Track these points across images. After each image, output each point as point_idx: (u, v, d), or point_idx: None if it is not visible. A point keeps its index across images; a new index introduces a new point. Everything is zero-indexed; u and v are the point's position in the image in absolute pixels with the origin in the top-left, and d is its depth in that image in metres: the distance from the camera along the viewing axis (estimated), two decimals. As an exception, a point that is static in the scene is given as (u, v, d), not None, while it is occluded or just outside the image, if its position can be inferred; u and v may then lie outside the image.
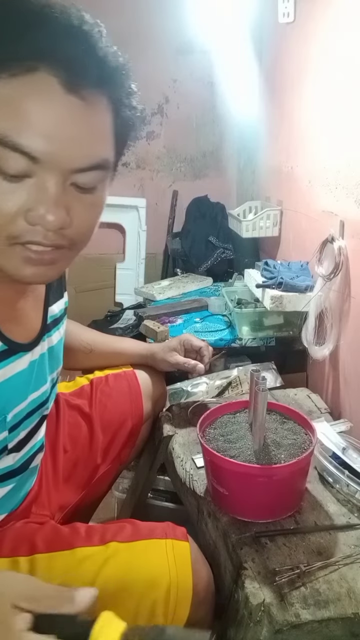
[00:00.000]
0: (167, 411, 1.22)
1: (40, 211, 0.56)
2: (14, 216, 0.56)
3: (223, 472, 0.85)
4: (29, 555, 0.75)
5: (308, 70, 1.49)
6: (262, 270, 1.56)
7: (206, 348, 1.21)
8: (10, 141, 0.52)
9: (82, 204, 0.60)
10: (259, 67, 1.94)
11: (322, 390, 1.45)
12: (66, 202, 0.58)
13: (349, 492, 0.92)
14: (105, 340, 1.20)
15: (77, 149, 0.56)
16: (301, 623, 0.69)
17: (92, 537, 0.78)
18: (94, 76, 0.55)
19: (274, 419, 0.95)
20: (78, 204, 0.60)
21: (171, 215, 2.39)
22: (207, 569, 0.81)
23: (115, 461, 1.08)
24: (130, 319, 2.00)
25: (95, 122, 0.58)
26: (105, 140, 0.60)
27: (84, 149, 0.57)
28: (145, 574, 0.73)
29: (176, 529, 0.81)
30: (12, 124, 0.52)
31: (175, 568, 0.74)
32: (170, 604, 0.71)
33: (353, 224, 1.25)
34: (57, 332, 0.86)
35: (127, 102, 0.61)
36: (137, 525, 0.81)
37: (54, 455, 1.00)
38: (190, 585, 0.74)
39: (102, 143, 0.60)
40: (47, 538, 0.78)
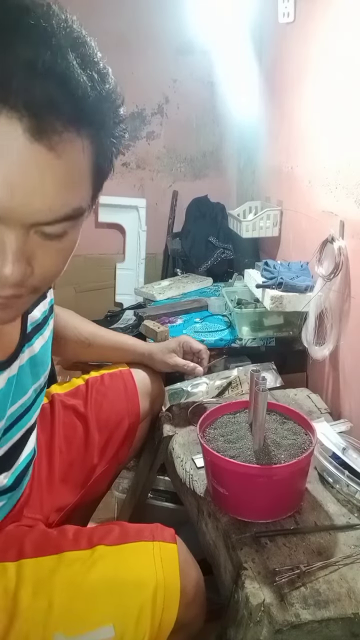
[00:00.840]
0: (167, 411, 1.22)
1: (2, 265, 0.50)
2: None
3: (223, 472, 0.85)
4: (17, 560, 0.75)
5: (308, 70, 1.49)
6: (262, 271, 1.56)
7: (205, 351, 1.21)
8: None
9: (47, 251, 0.53)
10: (259, 67, 1.94)
11: (322, 391, 1.45)
12: (28, 252, 0.51)
13: (349, 492, 0.92)
14: (104, 334, 1.18)
15: (41, 202, 0.47)
16: (301, 623, 0.69)
17: (79, 541, 0.78)
18: (68, 118, 0.45)
19: (274, 419, 0.95)
20: (43, 252, 0.52)
21: (171, 215, 2.39)
22: (197, 570, 0.81)
23: (113, 461, 1.07)
24: (130, 319, 2.00)
25: (67, 171, 0.48)
26: (79, 186, 0.50)
27: (50, 201, 0.48)
28: (132, 577, 0.73)
29: (164, 530, 0.81)
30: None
31: (162, 570, 0.74)
32: (157, 607, 0.71)
33: (353, 224, 1.25)
34: (41, 337, 0.82)
35: (111, 133, 0.52)
36: (125, 528, 0.81)
37: (49, 456, 1.00)
38: (178, 587, 0.74)
39: (73, 192, 0.50)
40: (34, 543, 0.78)
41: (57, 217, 0.50)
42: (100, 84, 0.47)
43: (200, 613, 0.81)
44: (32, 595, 0.71)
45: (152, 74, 2.18)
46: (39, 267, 0.53)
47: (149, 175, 2.37)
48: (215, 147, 2.38)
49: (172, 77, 2.25)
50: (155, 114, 2.28)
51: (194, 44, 2.17)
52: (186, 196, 2.35)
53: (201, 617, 0.82)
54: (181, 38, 2.16)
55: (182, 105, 2.29)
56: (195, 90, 2.27)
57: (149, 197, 2.36)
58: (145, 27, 2.09)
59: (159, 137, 2.32)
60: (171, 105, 2.29)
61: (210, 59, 2.17)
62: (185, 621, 0.75)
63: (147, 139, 2.30)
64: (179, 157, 2.38)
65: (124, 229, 2.38)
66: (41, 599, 0.71)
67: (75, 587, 0.72)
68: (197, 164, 2.40)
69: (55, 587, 0.72)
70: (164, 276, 2.38)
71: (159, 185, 2.39)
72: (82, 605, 0.71)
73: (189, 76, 2.25)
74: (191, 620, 0.78)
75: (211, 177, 2.42)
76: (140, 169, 2.34)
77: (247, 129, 2.14)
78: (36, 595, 0.71)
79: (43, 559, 0.75)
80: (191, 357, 1.21)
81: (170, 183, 2.40)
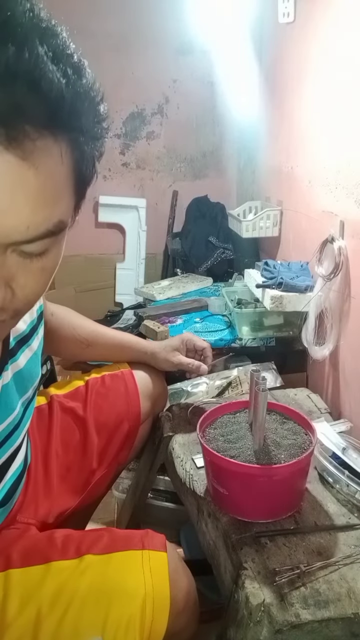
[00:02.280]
0: (167, 411, 1.22)
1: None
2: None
3: (223, 472, 0.85)
4: (4, 570, 0.73)
5: (308, 70, 1.49)
6: (262, 270, 1.56)
7: (209, 348, 1.20)
8: None
9: (28, 271, 0.48)
10: (259, 67, 1.94)
11: (322, 390, 1.45)
12: (6, 275, 0.47)
13: (349, 492, 0.92)
14: (105, 333, 1.15)
15: (16, 220, 0.43)
16: (301, 623, 0.69)
17: (68, 549, 0.76)
18: (42, 123, 0.40)
19: (274, 419, 0.95)
20: (23, 273, 0.48)
21: (171, 215, 2.39)
22: (188, 577, 0.80)
23: (113, 464, 1.06)
24: (130, 319, 2.00)
25: (44, 182, 0.43)
26: (59, 199, 0.46)
27: (27, 218, 0.43)
28: (120, 587, 0.72)
29: (155, 537, 0.79)
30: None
31: (152, 580, 0.72)
32: (146, 617, 0.70)
33: (353, 224, 1.25)
34: (28, 349, 0.79)
35: (91, 135, 0.46)
36: (114, 535, 0.79)
37: (45, 460, 0.98)
38: (168, 596, 0.72)
39: (53, 205, 0.45)
40: (22, 552, 0.76)
41: (36, 235, 0.45)
42: (76, 80, 0.42)
43: (192, 621, 0.80)
44: (19, 607, 0.69)
45: (152, 74, 2.18)
46: (20, 289, 0.48)
47: (149, 175, 2.37)
48: (215, 147, 2.39)
49: (172, 77, 2.25)
50: (155, 114, 2.28)
51: (194, 44, 2.18)
52: (186, 196, 2.35)
53: (193, 625, 0.81)
54: (181, 38, 2.16)
55: (182, 105, 2.29)
56: (195, 90, 2.27)
57: (149, 197, 2.36)
58: (146, 28, 2.10)
59: (159, 137, 2.32)
60: (171, 105, 2.29)
61: (210, 59, 2.17)
62: (175, 630, 0.74)
63: (147, 139, 2.30)
64: (179, 157, 2.38)
65: (124, 229, 2.39)
66: (29, 610, 0.69)
67: (63, 598, 0.70)
68: (197, 164, 2.40)
69: (43, 598, 0.70)
70: (164, 276, 2.38)
71: (159, 185, 2.39)
72: (71, 617, 0.69)
73: (189, 76, 2.25)
74: (182, 628, 0.77)
75: (211, 177, 2.42)
76: (140, 169, 2.34)
77: (247, 129, 2.14)
78: (24, 607, 0.69)
79: (30, 569, 0.74)
80: (194, 355, 1.19)
81: (170, 183, 2.40)
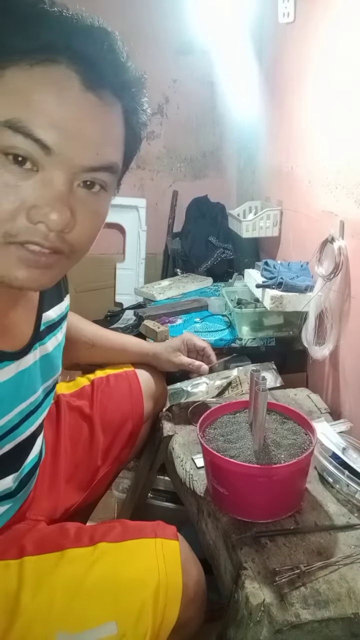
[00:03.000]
0: (167, 411, 1.22)
1: (45, 208, 0.54)
2: (15, 212, 0.54)
3: (223, 472, 0.85)
4: (18, 558, 0.74)
5: (308, 70, 1.49)
6: (262, 270, 1.56)
7: (209, 348, 1.21)
8: (23, 126, 0.51)
9: (86, 209, 0.59)
10: (259, 67, 1.94)
11: (322, 390, 1.45)
12: (71, 203, 0.56)
13: (349, 492, 0.91)
14: (107, 335, 1.17)
15: (90, 147, 0.55)
16: (301, 623, 0.69)
17: (81, 538, 0.78)
18: (113, 80, 0.56)
19: (274, 419, 0.95)
20: (82, 209, 0.58)
21: (171, 215, 2.39)
22: (198, 567, 0.81)
23: (115, 462, 1.07)
24: (130, 319, 2.00)
25: (110, 125, 0.58)
26: (117, 145, 0.60)
27: (97, 147, 0.56)
28: (133, 574, 0.73)
29: (166, 527, 0.81)
30: (28, 112, 0.51)
31: (165, 567, 0.74)
32: (159, 604, 0.71)
33: (353, 224, 1.25)
34: (54, 338, 0.82)
35: (139, 117, 0.62)
36: (126, 525, 0.81)
37: (54, 457, 0.99)
38: (180, 584, 0.73)
39: (113, 146, 0.59)
40: (36, 540, 0.78)
41: (101, 164, 0.57)
42: (135, 67, 0.59)
43: (201, 611, 0.81)
44: (34, 594, 0.70)
45: (152, 74, 2.15)
46: (79, 223, 0.58)
47: (149, 175, 2.37)
48: (215, 147, 2.38)
49: (172, 77, 2.25)
50: (155, 114, 2.28)
51: (194, 44, 2.17)
52: (186, 196, 2.35)
53: (201, 615, 0.81)
54: (181, 38, 2.16)
55: (182, 105, 2.29)
56: (195, 90, 2.27)
57: (149, 197, 2.36)
58: (146, 27, 2.09)
59: (159, 137, 2.32)
60: (171, 105, 2.29)
61: (210, 59, 2.17)
62: (185, 619, 0.75)
63: (147, 139, 2.30)
64: (179, 157, 2.38)
65: (124, 228, 2.38)
66: (43, 597, 0.70)
67: (78, 585, 0.71)
68: (197, 164, 2.40)
69: (57, 584, 0.71)
70: (164, 276, 2.38)
71: (159, 185, 2.39)
72: (85, 603, 0.70)
73: (189, 76, 2.25)
74: (191, 618, 0.78)
75: (211, 177, 2.42)
76: (140, 169, 2.34)
77: (247, 129, 2.14)
78: (38, 593, 0.71)
79: (45, 556, 0.75)
80: (195, 355, 1.20)
81: (170, 183, 2.40)
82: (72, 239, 0.59)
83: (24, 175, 0.53)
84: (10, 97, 0.52)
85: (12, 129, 0.51)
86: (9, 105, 0.51)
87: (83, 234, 0.60)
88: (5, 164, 0.52)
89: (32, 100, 0.52)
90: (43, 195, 0.54)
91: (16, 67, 0.51)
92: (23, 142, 0.52)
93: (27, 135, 0.52)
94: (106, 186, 0.60)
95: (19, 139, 0.52)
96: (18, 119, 0.51)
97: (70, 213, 0.56)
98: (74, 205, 0.57)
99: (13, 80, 0.51)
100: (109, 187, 0.61)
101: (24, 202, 0.54)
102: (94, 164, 0.56)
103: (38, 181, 0.54)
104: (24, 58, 0.51)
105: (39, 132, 0.52)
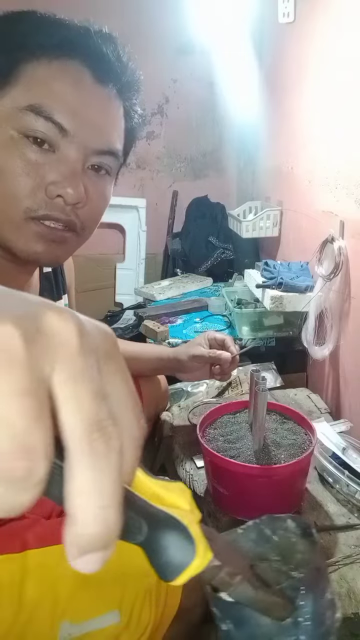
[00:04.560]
0: (167, 411, 1.22)
1: (63, 183, 0.60)
2: (35, 188, 0.60)
3: (223, 472, 0.85)
4: (21, 551, 0.74)
5: (308, 70, 1.49)
6: (262, 271, 1.56)
7: (230, 339, 1.19)
8: (44, 111, 0.58)
9: (95, 189, 0.65)
10: (259, 67, 1.94)
11: (322, 390, 1.45)
12: (84, 181, 0.63)
13: (349, 492, 0.91)
14: (121, 345, 1.13)
15: (99, 131, 0.63)
16: (301, 623, 0.69)
17: None
18: (118, 78, 0.64)
19: (274, 419, 0.95)
20: (93, 188, 0.65)
21: (171, 216, 2.39)
22: None
23: None
24: (130, 319, 2.00)
25: (115, 116, 0.66)
26: (120, 135, 0.67)
27: (105, 133, 0.64)
28: (136, 563, 0.73)
29: None
30: (49, 99, 0.59)
31: None
32: (161, 592, 0.72)
33: (353, 224, 1.25)
34: None
35: (136, 116, 0.70)
36: None
37: None
38: None
39: (117, 135, 0.66)
40: (38, 534, 0.78)
41: (109, 148, 0.64)
42: (135, 69, 0.67)
43: (202, 600, 0.81)
44: (37, 586, 0.71)
45: (152, 74, 2.16)
46: (90, 200, 0.64)
47: (149, 175, 2.37)
48: (215, 147, 2.38)
49: (172, 77, 2.25)
50: (155, 114, 2.28)
51: (194, 44, 2.17)
52: (186, 196, 2.35)
53: (202, 604, 0.82)
54: (181, 38, 2.15)
55: (182, 105, 2.29)
56: (195, 90, 2.27)
57: (149, 197, 2.36)
58: (146, 27, 2.09)
59: (159, 137, 2.32)
60: (171, 105, 2.28)
61: (210, 59, 2.16)
62: (187, 607, 0.75)
63: (147, 139, 2.30)
64: (179, 157, 2.38)
65: (123, 229, 2.38)
66: (47, 588, 0.70)
67: (81, 575, 0.71)
68: (197, 164, 2.40)
69: (60, 576, 0.71)
70: (164, 276, 2.38)
71: (159, 185, 2.38)
72: (88, 593, 0.71)
73: (189, 76, 2.25)
74: (193, 606, 0.78)
75: (211, 177, 2.42)
76: (140, 169, 2.34)
77: (247, 129, 2.14)
78: (42, 586, 0.71)
79: (48, 548, 0.75)
80: (217, 348, 1.19)
81: (170, 183, 2.39)
82: (84, 215, 0.65)
83: (42, 155, 0.60)
84: (32, 86, 0.59)
85: (34, 112, 0.58)
86: (31, 93, 0.59)
87: (92, 211, 0.66)
88: (26, 144, 0.59)
89: (51, 89, 0.59)
90: (61, 172, 0.60)
91: (37, 62, 0.59)
92: (43, 125, 0.59)
93: (48, 118, 0.58)
94: (111, 171, 0.67)
95: (40, 122, 0.58)
96: (40, 104, 0.58)
97: (83, 188, 0.62)
98: (86, 184, 0.63)
99: (34, 73, 0.59)
100: (112, 172, 0.68)
101: (43, 178, 0.60)
102: (103, 147, 0.63)
103: (56, 160, 0.60)
104: (44, 54, 0.59)
105: (58, 116, 0.59)
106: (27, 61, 0.59)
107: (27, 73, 0.59)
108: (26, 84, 0.59)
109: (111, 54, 0.63)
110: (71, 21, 0.63)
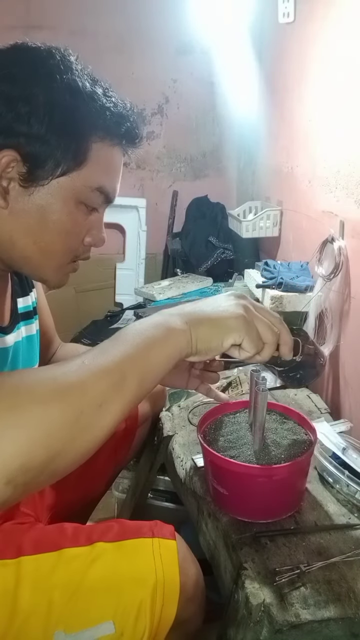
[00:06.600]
0: (167, 411, 1.22)
1: (99, 235, 0.77)
2: (81, 239, 0.75)
3: (223, 472, 0.85)
4: (16, 557, 0.74)
5: (308, 70, 1.49)
6: (262, 271, 1.56)
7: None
8: (105, 191, 0.73)
9: (97, 228, 0.78)
10: (259, 67, 1.94)
11: (322, 390, 1.45)
12: (94, 224, 0.77)
13: (349, 492, 0.91)
14: None
15: (117, 187, 0.76)
16: (301, 623, 0.69)
17: (78, 538, 0.78)
18: (133, 147, 0.76)
19: (274, 419, 0.95)
20: (96, 228, 0.78)
21: (171, 216, 2.39)
22: (196, 566, 0.81)
23: (110, 461, 1.06)
24: (130, 319, 2.00)
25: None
26: None
27: (117, 187, 0.77)
28: (131, 573, 0.73)
29: (164, 527, 0.81)
30: (107, 181, 0.72)
31: (162, 566, 0.74)
32: (157, 603, 0.71)
33: (353, 224, 1.25)
34: (31, 325, 0.88)
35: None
36: (124, 525, 0.81)
37: None
38: (178, 583, 0.74)
39: None
40: (33, 540, 0.78)
41: (114, 198, 0.77)
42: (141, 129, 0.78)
43: (199, 610, 0.81)
44: (32, 593, 0.70)
45: (152, 74, 2.18)
46: (92, 237, 0.77)
47: (149, 175, 2.37)
48: (215, 147, 2.38)
49: (172, 77, 2.25)
50: (155, 114, 2.28)
51: (194, 44, 2.17)
52: (186, 196, 2.35)
53: (200, 615, 0.81)
54: (181, 38, 2.16)
55: (182, 105, 2.29)
56: (195, 90, 2.27)
57: (149, 197, 2.36)
58: (145, 28, 2.09)
59: (159, 137, 2.32)
60: (171, 105, 2.29)
61: (210, 59, 2.17)
62: (184, 618, 0.75)
63: (147, 139, 2.30)
64: (179, 157, 2.38)
65: (124, 229, 2.38)
66: (41, 596, 0.70)
67: (75, 584, 0.72)
68: (197, 164, 2.40)
69: (55, 584, 0.71)
70: (164, 276, 2.38)
71: (159, 185, 2.39)
72: (83, 602, 0.71)
73: (189, 76, 2.25)
74: (190, 617, 0.78)
75: (211, 177, 2.42)
76: (140, 169, 2.34)
77: (247, 129, 2.14)
78: (36, 593, 0.71)
79: (42, 555, 0.75)
80: None
81: (170, 183, 2.40)
82: (88, 250, 0.79)
83: (88, 214, 0.74)
84: (99, 167, 0.70)
85: (99, 191, 0.72)
86: (97, 175, 0.70)
87: (94, 244, 0.79)
88: (81, 209, 0.72)
89: (108, 172, 0.72)
90: (97, 226, 0.76)
91: (102, 144, 0.70)
92: (100, 199, 0.73)
93: (106, 197, 0.73)
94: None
95: (101, 198, 0.73)
96: (104, 186, 0.72)
97: None
98: (92, 226, 0.77)
99: (99, 155, 0.70)
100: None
101: (87, 231, 0.75)
102: (113, 198, 0.77)
103: (94, 217, 0.75)
104: (107, 137, 0.70)
105: (112, 195, 0.74)
106: (94, 142, 0.69)
107: (93, 153, 0.69)
108: (93, 165, 0.69)
109: (141, 136, 0.75)
110: (124, 103, 0.72)
